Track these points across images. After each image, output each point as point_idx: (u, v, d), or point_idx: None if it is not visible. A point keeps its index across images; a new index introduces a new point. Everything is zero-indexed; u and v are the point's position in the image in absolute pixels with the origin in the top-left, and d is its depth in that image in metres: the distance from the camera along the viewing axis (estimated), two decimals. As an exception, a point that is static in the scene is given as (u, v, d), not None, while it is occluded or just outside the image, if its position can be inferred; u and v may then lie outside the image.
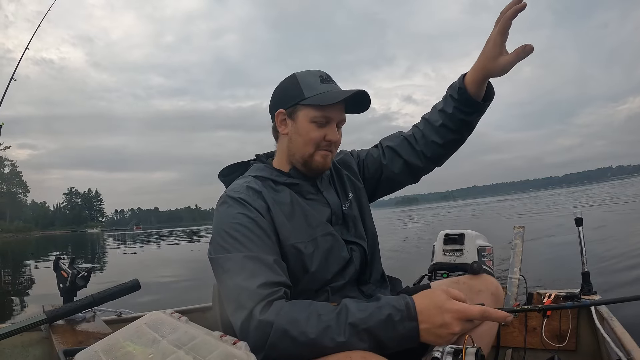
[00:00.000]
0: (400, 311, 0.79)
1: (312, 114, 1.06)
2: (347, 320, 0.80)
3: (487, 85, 1.08)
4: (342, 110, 1.10)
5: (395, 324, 0.79)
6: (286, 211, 1.05)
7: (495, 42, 0.98)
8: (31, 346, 1.49)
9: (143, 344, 0.81)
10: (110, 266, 12.53)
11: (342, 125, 1.13)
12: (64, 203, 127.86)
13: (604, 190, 32.53)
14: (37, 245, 32.13)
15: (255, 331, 0.83)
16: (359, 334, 0.79)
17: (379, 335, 0.79)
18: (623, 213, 13.15)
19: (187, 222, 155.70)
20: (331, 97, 1.04)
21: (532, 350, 1.87)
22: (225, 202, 1.02)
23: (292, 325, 0.81)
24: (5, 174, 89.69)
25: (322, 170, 1.12)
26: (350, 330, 0.79)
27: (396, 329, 0.79)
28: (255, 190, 1.04)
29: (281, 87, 1.12)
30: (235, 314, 0.87)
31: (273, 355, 0.83)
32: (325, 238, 1.07)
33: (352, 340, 0.79)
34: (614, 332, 1.43)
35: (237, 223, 0.97)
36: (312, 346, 0.80)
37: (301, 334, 0.80)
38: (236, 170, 1.19)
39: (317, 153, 1.08)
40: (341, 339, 0.79)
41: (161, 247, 20.47)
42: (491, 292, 1.26)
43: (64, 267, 1.61)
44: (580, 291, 1.82)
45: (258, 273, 0.89)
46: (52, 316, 1.37)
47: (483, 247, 1.84)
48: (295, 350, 0.81)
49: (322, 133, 1.07)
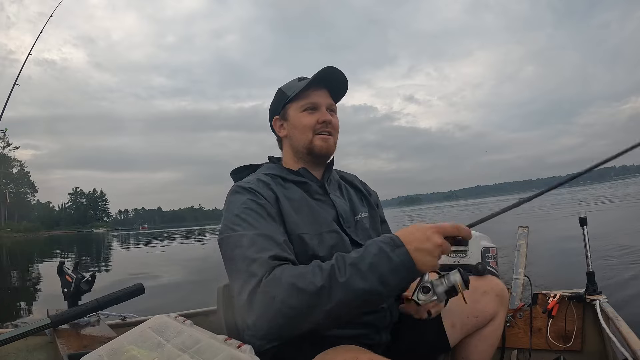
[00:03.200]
0: (387, 243, 0.84)
1: (299, 104, 1.16)
2: (346, 262, 0.83)
3: None
4: (327, 96, 1.18)
5: (388, 254, 0.82)
6: (294, 205, 1.08)
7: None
8: (36, 350, 1.49)
9: (148, 347, 0.81)
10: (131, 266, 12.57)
11: (334, 110, 1.20)
12: (69, 203, 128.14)
13: (610, 191, 32.42)
14: (49, 244, 32.00)
15: (262, 295, 0.83)
16: (360, 271, 0.81)
17: (378, 268, 0.81)
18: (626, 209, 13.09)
19: (191, 222, 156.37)
20: (306, 82, 1.14)
21: (537, 351, 1.86)
22: (236, 191, 1.06)
23: (298, 278, 0.82)
24: (14, 174, 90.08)
25: (326, 153, 1.17)
26: (351, 270, 0.81)
27: (390, 259, 0.82)
28: (264, 182, 1.09)
29: (272, 102, 1.24)
30: (245, 284, 0.86)
31: (283, 320, 0.81)
32: (331, 235, 1.08)
33: (355, 278, 0.81)
34: (619, 332, 1.42)
35: (247, 207, 1.00)
36: (321, 292, 0.80)
37: (309, 284, 0.81)
38: (247, 169, 1.24)
39: (315, 138, 1.15)
40: (344, 279, 0.80)
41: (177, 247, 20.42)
42: (496, 293, 1.26)
43: (68, 272, 1.61)
44: (585, 291, 1.81)
45: (269, 248, 0.91)
46: (56, 320, 1.37)
47: (487, 248, 1.83)
48: (306, 303, 0.80)
49: (314, 117, 1.15)
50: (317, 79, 1.14)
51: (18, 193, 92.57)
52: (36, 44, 3.96)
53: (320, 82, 1.16)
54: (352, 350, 0.91)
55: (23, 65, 3.67)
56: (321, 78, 1.14)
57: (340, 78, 1.17)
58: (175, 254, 15.92)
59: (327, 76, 1.15)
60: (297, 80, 1.19)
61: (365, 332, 1.07)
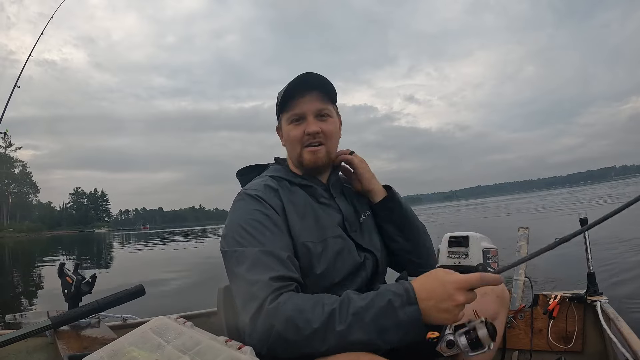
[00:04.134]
0: (399, 296, 0.80)
1: (286, 116, 1.12)
2: (349, 310, 0.80)
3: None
4: (314, 101, 1.10)
5: (396, 310, 0.79)
6: (299, 211, 1.07)
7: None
8: (36, 352, 1.49)
9: (148, 349, 0.81)
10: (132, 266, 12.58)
11: (325, 114, 1.12)
12: (70, 203, 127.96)
13: (611, 191, 32.37)
14: (52, 244, 31.90)
15: (263, 320, 0.83)
16: (361, 322, 0.79)
17: (380, 322, 0.79)
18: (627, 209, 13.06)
19: (191, 222, 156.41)
20: (284, 93, 1.09)
21: (538, 352, 1.86)
22: (242, 198, 1.05)
23: (297, 314, 0.81)
24: (16, 174, 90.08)
25: (313, 166, 1.14)
26: (351, 319, 0.79)
27: (397, 315, 0.79)
28: (271, 189, 1.08)
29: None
30: (247, 306, 0.87)
31: (279, 348, 0.83)
32: (335, 240, 1.08)
33: (354, 329, 0.79)
34: (620, 333, 1.42)
35: (252, 219, 0.99)
36: (315, 336, 0.80)
37: (306, 323, 0.80)
38: (253, 171, 1.23)
39: (304, 151, 1.11)
40: (342, 327, 0.78)
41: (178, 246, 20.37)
42: (497, 294, 1.25)
43: (68, 273, 1.62)
44: (586, 292, 1.81)
45: (272, 267, 0.90)
46: (57, 322, 1.37)
47: (488, 249, 1.83)
48: (300, 342, 0.81)
49: (300, 130, 1.10)
50: (291, 88, 1.08)
51: (20, 193, 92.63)
52: (36, 44, 3.96)
53: (304, 87, 1.09)
54: (354, 352, 0.91)
55: (24, 66, 3.66)
56: (301, 83, 1.08)
57: (321, 80, 1.09)
58: (175, 255, 15.92)
59: (305, 80, 1.08)
60: (286, 84, 1.14)
61: None
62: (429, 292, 0.80)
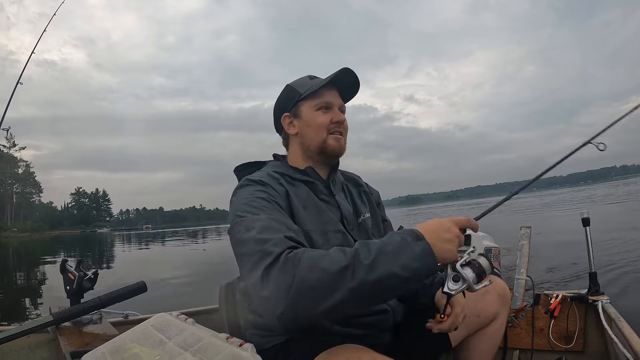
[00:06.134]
0: (409, 234, 0.84)
1: (313, 103, 1.15)
2: (370, 248, 0.80)
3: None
4: (338, 97, 1.19)
5: (410, 244, 0.82)
6: (302, 203, 1.08)
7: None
8: (38, 348, 1.50)
9: (150, 345, 0.82)
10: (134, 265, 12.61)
11: (344, 111, 1.20)
12: (71, 203, 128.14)
13: (613, 191, 32.32)
14: (56, 244, 31.88)
15: (280, 271, 0.78)
16: (384, 255, 0.79)
17: (400, 256, 0.80)
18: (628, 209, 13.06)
19: (192, 221, 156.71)
20: (322, 81, 1.15)
21: (539, 351, 1.86)
22: (245, 184, 1.05)
23: (320, 259, 0.79)
24: (20, 174, 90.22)
25: (338, 153, 1.17)
26: (375, 254, 0.79)
27: (412, 249, 0.81)
28: (274, 177, 1.09)
29: (279, 98, 1.23)
30: (258, 262, 0.81)
31: (303, 297, 0.76)
32: (336, 235, 1.08)
33: (379, 262, 0.78)
34: (621, 332, 1.42)
35: (257, 197, 0.99)
36: (345, 272, 0.76)
37: (333, 264, 0.77)
38: (252, 167, 1.23)
39: (329, 137, 1.15)
40: (368, 261, 0.78)
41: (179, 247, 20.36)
42: (498, 293, 1.26)
43: (70, 270, 1.62)
44: (587, 292, 1.80)
45: (284, 229, 0.89)
46: (59, 318, 1.37)
47: (490, 248, 1.83)
48: (327, 282, 0.76)
49: (328, 117, 1.15)
50: (333, 80, 1.14)
51: (24, 193, 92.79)
52: (38, 43, 3.94)
53: (332, 83, 1.16)
54: (355, 350, 0.91)
55: (26, 63, 3.65)
56: (336, 79, 1.14)
57: (354, 81, 1.18)
58: (177, 254, 15.95)
59: (341, 77, 1.15)
60: (308, 79, 1.19)
61: (369, 333, 1.07)
62: (431, 229, 0.86)
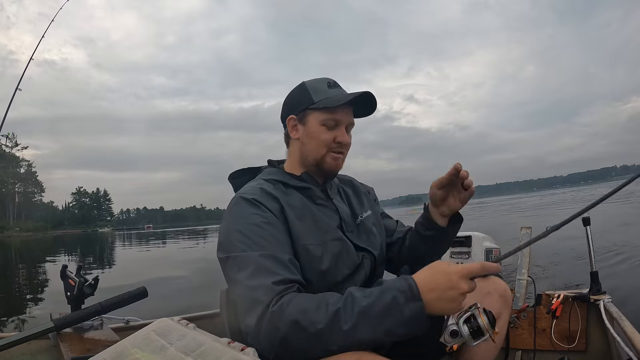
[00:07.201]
0: (403, 292, 0.80)
1: (322, 117, 1.09)
2: (354, 309, 0.80)
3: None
4: (350, 114, 1.13)
5: (401, 306, 0.79)
6: (297, 213, 1.06)
7: (435, 195, 1.12)
8: (39, 354, 1.49)
9: (151, 351, 0.81)
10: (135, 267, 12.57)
11: (351, 128, 1.15)
12: (72, 203, 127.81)
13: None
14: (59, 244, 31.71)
15: (268, 325, 0.82)
16: (366, 320, 0.79)
17: (385, 321, 0.79)
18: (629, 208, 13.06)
19: (193, 221, 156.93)
20: (338, 99, 1.08)
21: (541, 351, 1.86)
22: (238, 203, 1.03)
23: (302, 315, 0.81)
24: (22, 173, 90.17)
25: (333, 172, 1.15)
26: (357, 318, 0.79)
27: (402, 312, 0.79)
28: (267, 192, 1.06)
29: (291, 95, 1.16)
30: (250, 311, 0.86)
31: (286, 353, 0.82)
32: (334, 243, 1.07)
33: (359, 327, 0.78)
34: (624, 332, 1.42)
35: (250, 223, 0.97)
36: (321, 336, 0.79)
37: (311, 324, 0.79)
38: (246, 174, 1.21)
39: (328, 155, 1.11)
40: (348, 326, 0.78)
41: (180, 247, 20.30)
42: (499, 293, 1.25)
43: (71, 275, 1.62)
44: (589, 291, 1.80)
45: (274, 270, 0.89)
46: (59, 324, 1.37)
47: (490, 248, 1.83)
48: (306, 343, 0.80)
49: (332, 135, 1.10)
50: (351, 100, 1.08)
51: (26, 193, 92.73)
52: (38, 44, 3.93)
53: (354, 103, 1.10)
54: (356, 352, 0.91)
55: (25, 69, 3.65)
56: (361, 99, 1.09)
57: (372, 102, 1.12)
58: (178, 254, 15.91)
59: (360, 99, 1.10)
60: (325, 84, 1.12)
61: None
62: (433, 284, 0.80)
